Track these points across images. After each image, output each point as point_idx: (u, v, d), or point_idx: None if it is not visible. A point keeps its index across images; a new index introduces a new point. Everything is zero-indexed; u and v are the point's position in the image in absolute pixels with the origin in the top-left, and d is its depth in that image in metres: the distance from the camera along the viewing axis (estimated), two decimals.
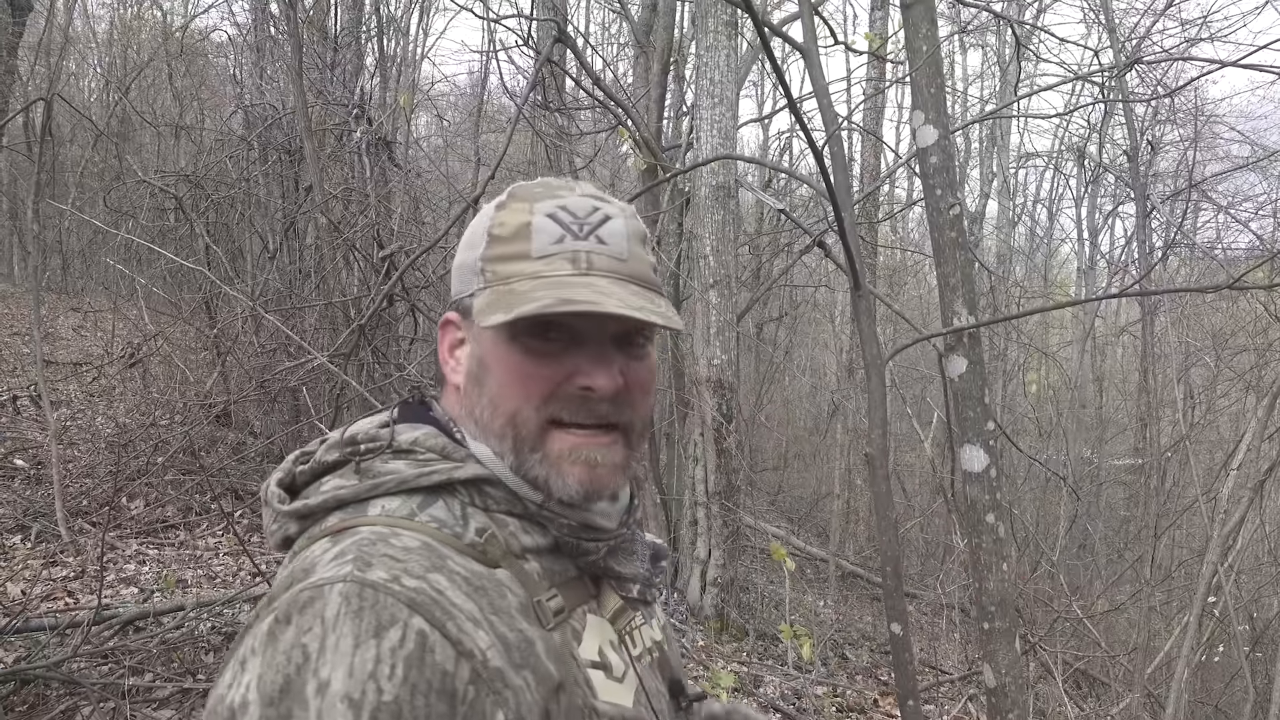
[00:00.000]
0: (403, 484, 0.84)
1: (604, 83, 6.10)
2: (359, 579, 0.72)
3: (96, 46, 16.92)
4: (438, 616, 0.72)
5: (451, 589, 0.75)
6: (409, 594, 0.72)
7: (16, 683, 3.52)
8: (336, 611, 0.70)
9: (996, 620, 1.76)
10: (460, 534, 0.82)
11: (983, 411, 1.75)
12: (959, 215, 1.73)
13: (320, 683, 0.67)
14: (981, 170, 14.81)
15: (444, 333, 0.92)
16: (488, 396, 0.86)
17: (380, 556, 0.75)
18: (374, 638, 0.69)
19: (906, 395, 11.18)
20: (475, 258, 0.88)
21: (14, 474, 6.17)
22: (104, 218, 8.53)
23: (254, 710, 0.67)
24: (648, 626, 0.96)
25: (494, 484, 0.86)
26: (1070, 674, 6.78)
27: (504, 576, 0.81)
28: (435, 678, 0.70)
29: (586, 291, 0.81)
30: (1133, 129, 8.36)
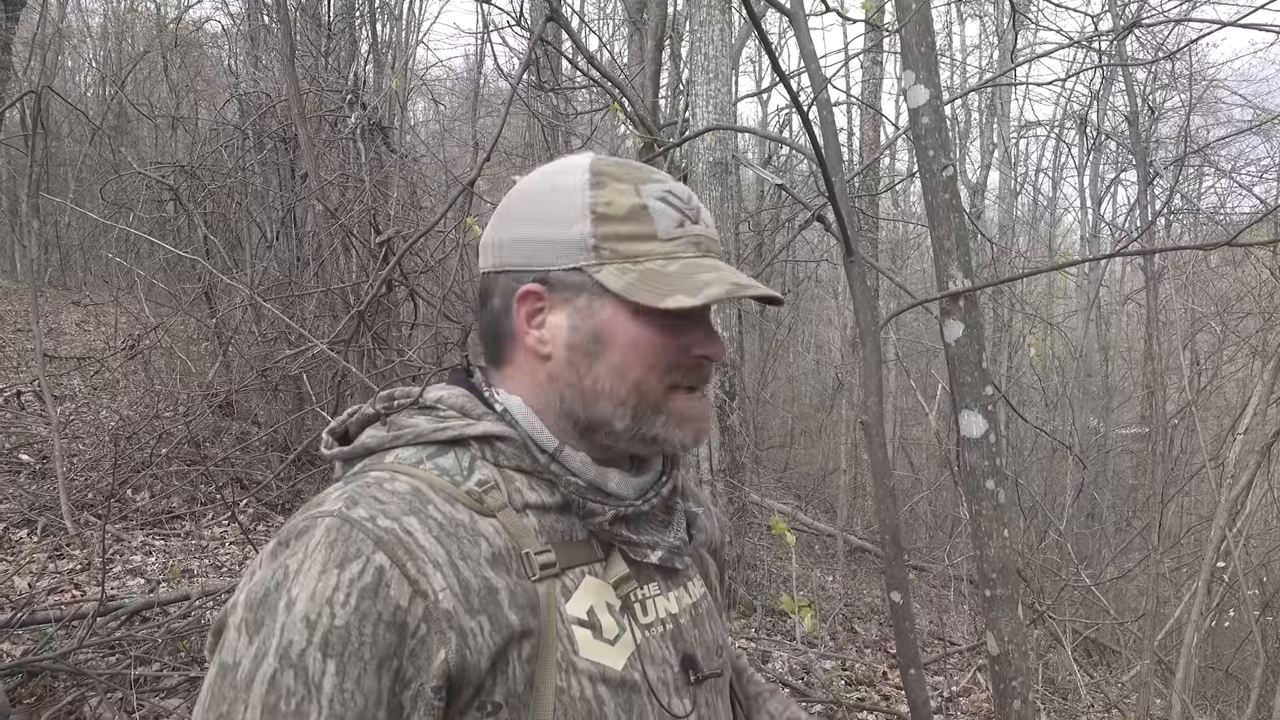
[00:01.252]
0: (419, 437, 0.92)
1: (598, 61, 6.05)
2: (343, 514, 0.81)
3: (91, 40, 16.86)
4: (399, 555, 0.80)
5: (422, 532, 0.82)
6: (378, 532, 0.80)
7: (24, 675, 3.53)
8: (317, 541, 0.80)
9: (999, 587, 1.75)
10: (459, 482, 0.88)
11: (980, 376, 1.73)
12: (952, 177, 1.70)
13: (289, 599, 0.77)
14: (982, 141, 14.71)
15: (521, 304, 0.94)
16: (607, 366, 0.91)
17: (367, 498, 0.83)
18: (337, 568, 0.78)
19: (911, 368, 11.16)
20: (581, 233, 0.91)
21: (19, 468, 6.18)
22: (102, 211, 8.50)
23: (239, 611, 0.79)
24: (664, 598, 0.97)
25: (504, 440, 0.92)
26: (1080, 643, 6.77)
27: (488, 526, 0.86)
28: (386, 610, 0.77)
29: (734, 275, 0.91)
30: (1133, 94, 8.28)
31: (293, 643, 0.76)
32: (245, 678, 0.76)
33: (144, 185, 8.28)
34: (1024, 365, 11.38)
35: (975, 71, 14.28)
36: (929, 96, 1.69)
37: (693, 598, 1.02)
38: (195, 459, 6.24)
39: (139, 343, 7.25)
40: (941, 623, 7.35)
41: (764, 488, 10.76)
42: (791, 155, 12.65)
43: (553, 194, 0.94)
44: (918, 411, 11.58)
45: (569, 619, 0.87)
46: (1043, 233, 15.81)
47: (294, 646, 0.76)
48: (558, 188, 0.94)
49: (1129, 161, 11.00)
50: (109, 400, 7.78)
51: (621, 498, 0.94)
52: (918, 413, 11.72)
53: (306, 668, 0.75)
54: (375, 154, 7.23)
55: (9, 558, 4.93)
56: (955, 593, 7.94)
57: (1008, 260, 12.72)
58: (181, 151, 9.40)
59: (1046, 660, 6.23)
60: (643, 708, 0.88)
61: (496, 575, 0.83)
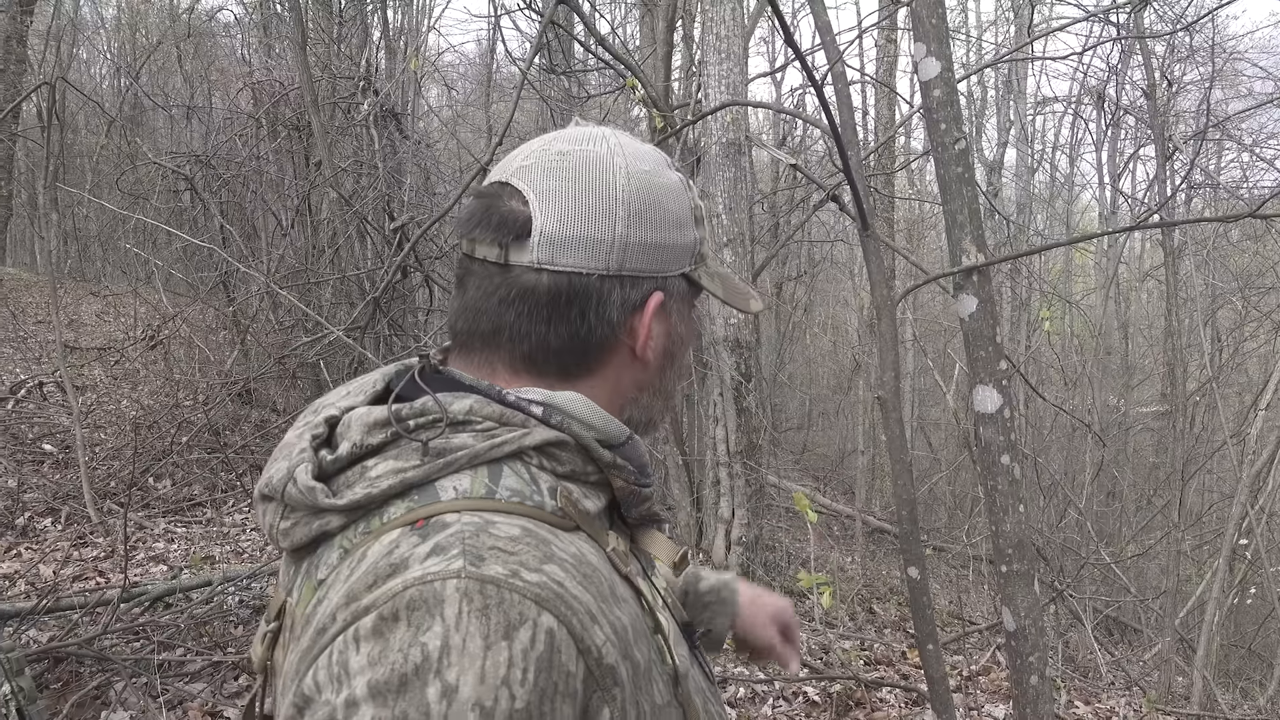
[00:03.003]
0: (475, 459, 0.77)
1: (609, 43, 6.02)
2: (476, 574, 0.66)
3: (105, 32, 16.94)
4: (564, 612, 0.67)
5: (569, 580, 0.70)
6: (534, 589, 0.67)
7: (50, 660, 3.57)
8: (458, 610, 0.64)
9: (1014, 563, 1.74)
10: (541, 504, 0.77)
11: (994, 351, 1.72)
12: (965, 150, 1.69)
13: (445, 686, 0.62)
14: (998, 118, 14.58)
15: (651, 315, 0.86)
16: (677, 367, 0.92)
17: (489, 550, 0.69)
18: (504, 639, 0.64)
19: (929, 349, 11.11)
20: (695, 238, 0.90)
21: (43, 458, 6.25)
22: (119, 202, 8.55)
23: (365, 710, 0.62)
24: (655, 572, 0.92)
25: (561, 445, 0.81)
26: (1100, 621, 6.76)
27: (590, 551, 0.76)
28: (562, 680, 0.66)
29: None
30: (1150, 68, 8.18)
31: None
32: None
33: (160, 175, 8.32)
34: (1043, 344, 11.31)
35: (991, 48, 14.14)
36: (940, 69, 1.68)
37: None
38: (215, 447, 6.29)
39: (159, 333, 7.30)
40: (961, 603, 7.35)
41: (782, 470, 10.75)
42: (806, 137, 12.58)
43: (670, 194, 0.87)
44: (936, 392, 11.54)
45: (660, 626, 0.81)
46: (1060, 210, 15.68)
47: None
48: (669, 188, 0.87)
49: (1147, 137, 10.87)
50: (129, 390, 7.84)
51: (650, 475, 0.89)
52: (936, 393, 11.68)
53: None
54: (388, 140, 7.24)
55: (34, 546, 4.99)
56: (974, 573, 7.93)
57: (1025, 239, 12.62)
58: (196, 141, 9.43)
59: (1067, 639, 6.22)
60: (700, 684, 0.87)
61: (623, 612, 0.74)
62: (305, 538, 0.78)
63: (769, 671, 4.45)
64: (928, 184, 15.45)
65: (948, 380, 10.02)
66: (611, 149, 0.86)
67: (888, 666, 5.11)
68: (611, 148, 0.86)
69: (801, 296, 13.36)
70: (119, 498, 5.56)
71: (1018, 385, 3.20)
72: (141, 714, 3.40)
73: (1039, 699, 1.73)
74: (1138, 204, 11.60)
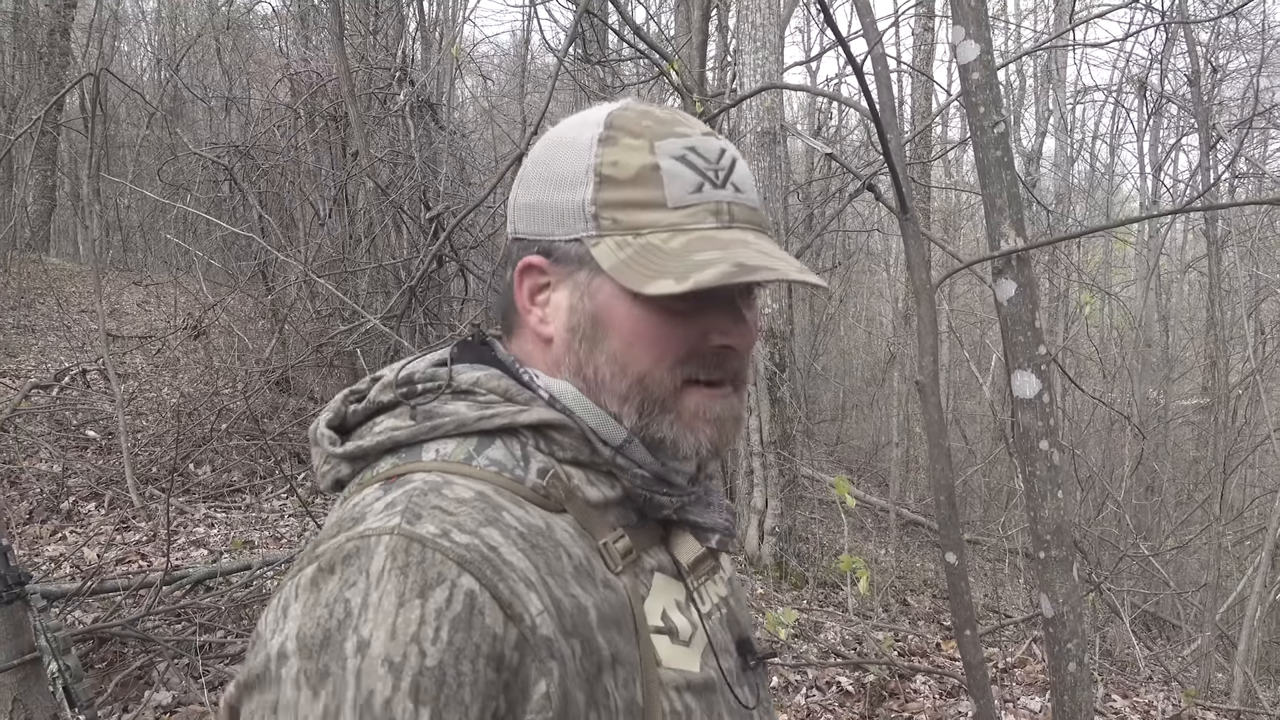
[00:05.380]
0: (461, 426, 0.78)
1: (645, 32, 6.02)
2: (406, 532, 0.68)
3: (146, 25, 17.16)
4: (489, 576, 0.67)
5: (506, 546, 0.70)
6: (459, 550, 0.67)
7: (95, 641, 3.65)
8: (382, 566, 0.66)
9: (1053, 549, 1.73)
10: (521, 477, 0.76)
11: (1033, 336, 1.70)
12: (1004, 134, 1.67)
13: (360, 641, 0.64)
14: (1037, 108, 14.39)
15: (522, 278, 0.83)
16: (606, 355, 0.80)
17: (430, 509, 0.70)
18: (419, 597, 0.65)
19: (965, 340, 11.02)
20: (582, 199, 0.79)
21: (87, 445, 6.37)
22: (160, 193, 8.67)
23: (293, 662, 0.65)
24: (713, 582, 0.89)
25: (562, 429, 0.80)
26: (1138, 615, 6.68)
27: (563, 532, 0.75)
28: (484, 642, 0.65)
29: (748, 252, 0.76)
30: (1195, 55, 8.03)
31: (374, 692, 0.63)
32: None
33: (200, 166, 8.43)
34: (1081, 336, 11.18)
35: (1030, 35, 13.97)
36: (979, 52, 1.66)
37: (728, 573, 0.94)
38: (254, 434, 6.38)
39: (200, 322, 7.41)
40: (997, 596, 7.29)
41: (816, 461, 10.72)
42: (841, 126, 12.50)
43: (563, 151, 0.82)
44: (971, 385, 11.45)
45: (648, 628, 0.77)
46: (1100, 200, 15.44)
47: (376, 697, 0.63)
48: (567, 144, 0.82)
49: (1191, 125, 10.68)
50: (170, 378, 7.96)
51: (680, 486, 0.84)
52: (971, 386, 11.58)
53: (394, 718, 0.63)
54: (424, 131, 7.28)
55: (79, 530, 5.09)
56: (1010, 566, 7.87)
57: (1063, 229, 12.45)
58: (235, 132, 9.55)
59: (1104, 633, 6.15)
60: (717, 704, 0.80)
61: (584, 592, 0.73)
62: (329, 482, 0.82)
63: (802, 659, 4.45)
64: (964, 174, 15.29)
65: (984, 373, 9.93)
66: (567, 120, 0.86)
67: (922, 658, 5.09)
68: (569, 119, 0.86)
69: (836, 288, 13.29)
70: (160, 483, 5.65)
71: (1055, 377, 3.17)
72: (183, 694, 3.46)
73: (1077, 686, 1.72)
74: (1180, 194, 11.41)
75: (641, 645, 0.75)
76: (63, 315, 9.77)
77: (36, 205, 13.15)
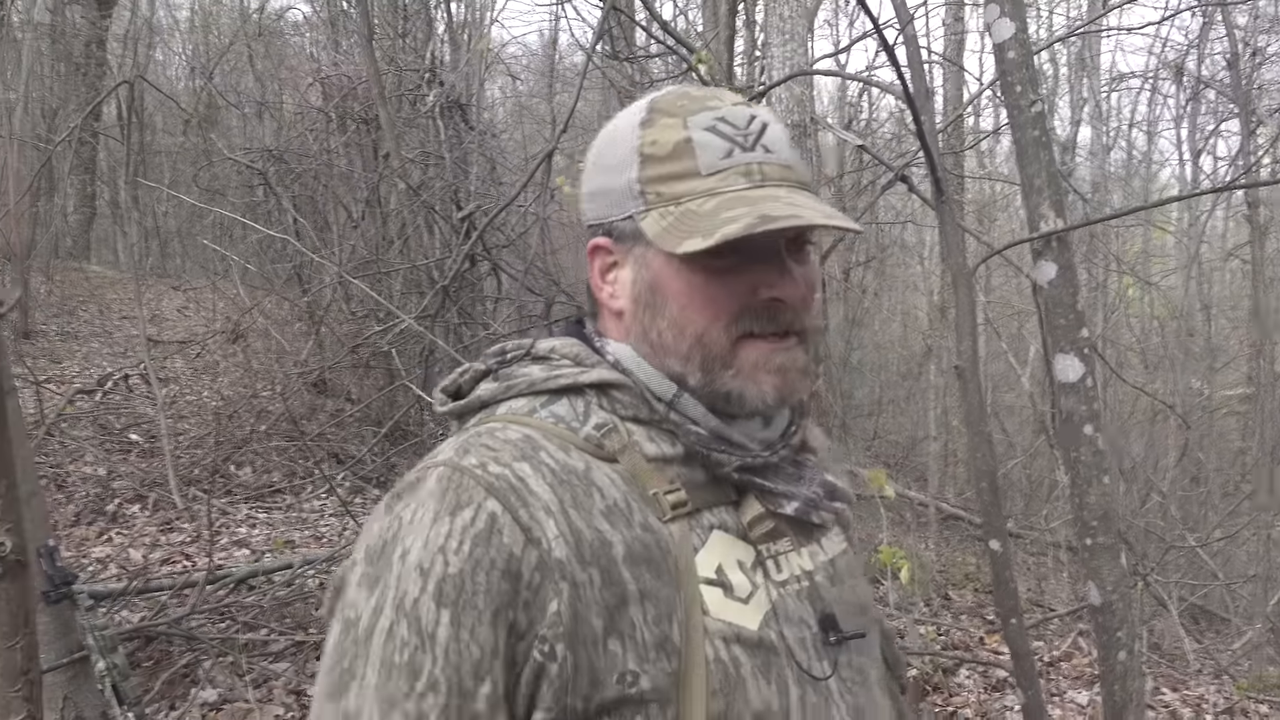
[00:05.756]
0: (532, 386, 0.88)
1: (672, 27, 6.00)
2: (453, 463, 0.80)
3: (179, 34, 17.38)
4: (511, 501, 0.77)
5: (534, 478, 0.79)
6: (489, 478, 0.78)
7: (142, 639, 3.70)
8: (429, 490, 0.79)
9: (1099, 535, 1.70)
10: (576, 429, 0.85)
11: (1076, 318, 1.67)
12: (1041, 113, 1.64)
13: (403, 550, 0.76)
14: (1071, 96, 14.19)
15: (593, 258, 0.92)
16: (667, 320, 0.87)
17: (478, 446, 0.82)
18: (449, 515, 0.77)
19: (1002, 332, 10.89)
20: (629, 179, 0.87)
21: (130, 448, 6.46)
22: (196, 198, 8.78)
23: (359, 568, 0.79)
24: (797, 554, 0.91)
25: (621, 388, 0.88)
26: (1185, 608, 6.57)
27: (603, 477, 0.82)
28: (500, 557, 0.75)
29: (776, 205, 0.82)
30: (1234, 38, 7.88)
31: (407, 593, 0.75)
32: (365, 631, 0.75)
33: (235, 171, 8.52)
34: (1122, 326, 11.02)
35: (1064, 23, 13.78)
36: (1015, 29, 1.63)
37: (829, 554, 0.95)
38: (293, 435, 6.44)
39: (238, 326, 7.49)
40: (1040, 589, 7.20)
41: (853, 456, 10.64)
42: (872, 119, 12.40)
43: (612, 139, 0.91)
44: (1009, 377, 11.30)
45: (699, 578, 0.81)
46: (1138, 189, 15.21)
47: (408, 597, 0.74)
48: (617, 132, 0.91)
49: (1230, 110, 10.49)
50: (210, 381, 8.07)
51: (746, 447, 0.88)
52: (1009, 378, 11.43)
53: (420, 618, 0.74)
54: (454, 131, 7.32)
55: (124, 531, 5.17)
56: (1054, 559, 7.77)
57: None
58: (269, 137, 9.64)
59: (1151, 626, 6.06)
60: (781, 670, 0.83)
61: (611, 529, 0.79)
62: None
63: None
64: (997, 165, 15.11)
65: (1021, 365, 9.80)
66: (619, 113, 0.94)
67: (965, 651, 5.04)
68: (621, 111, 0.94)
69: (870, 281, 13.18)
70: (202, 485, 5.72)
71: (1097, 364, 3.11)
72: (228, 691, 3.50)
73: (1127, 675, 1.69)
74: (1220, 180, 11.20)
75: (685, 591, 0.80)
76: (104, 322, 9.93)
77: (77, 214, 13.35)
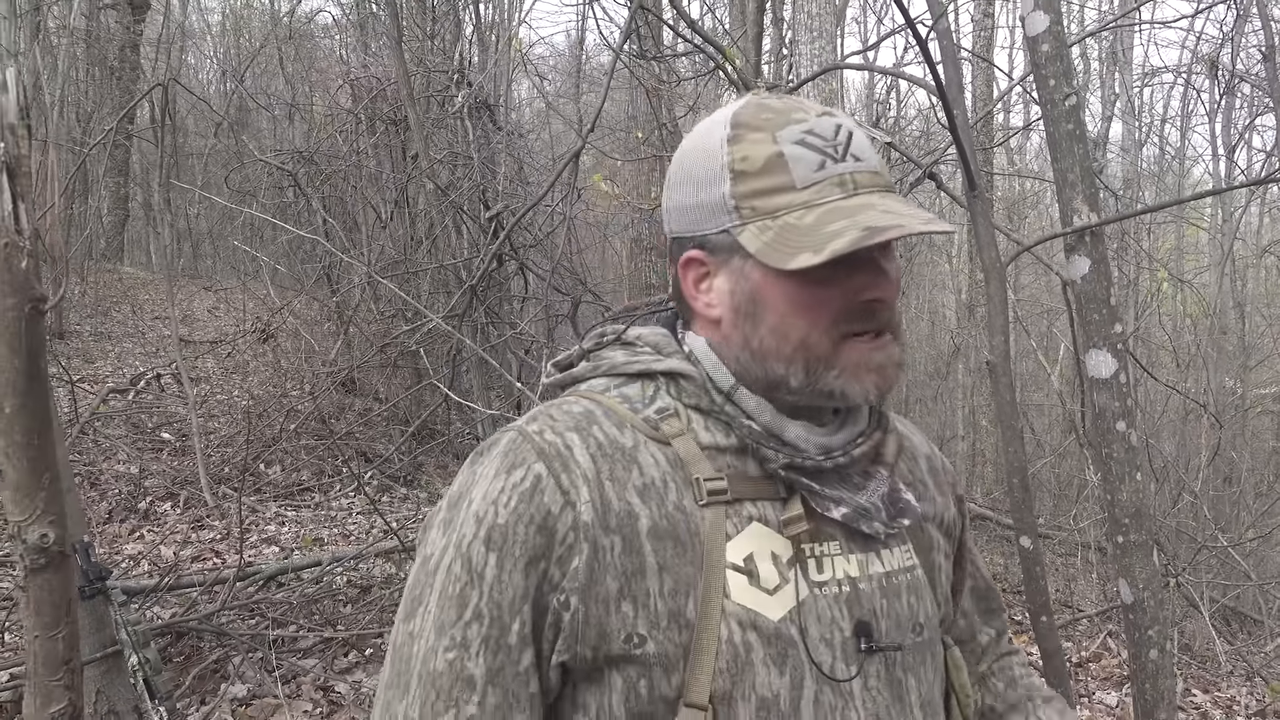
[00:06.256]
0: (613, 368, 0.98)
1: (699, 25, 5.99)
2: (521, 429, 0.91)
3: (211, 38, 17.56)
4: (555, 466, 0.87)
5: (580, 448, 0.88)
6: (542, 444, 0.88)
7: (173, 635, 3.74)
8: (499, 450, 0.90)
9: (1131, 533, 1.68)
10: (638, 409, 0.93)
11: (1109, 314, 1.66)
12: (1075, 106, 1.63)
13: (470, 499, 0.88)
14: (1104, 91, 14.05)
15: (686, 270, 0.95)
16: (768, 327, 0.90)
17: (544, 415, 0.92)
18: (506, 473, 0.87)
19: (1031, 330, 10.80)
20: (721, 194, 0.90)
21: (161, 446, 6.54)
22: (228, 200, 8.87)
23: (441, 512, 0.91)
24: (844, 558, 0.92)
25: (687, 378, 0.94)
26: (1217, 609, 6.48)
27: (649, 456, 0.89)
28: (539, 514, 0.85)
29: (875, 214, 0.85)
30: (1270, 31, 7.76)
31: (465, 536, 0.86)
32: (434, 565, 0.87)
33: (265, 173, 8.59)
34: (1153, 324, 10.89)
35: (1095, 18, 13.65)
36: (1049, 22, 1.62)
37: (886, 567, 0.96)
38: (322, 434, 6.49)
39: (269, 326, 7.56)
40: (1069, 590, 7.13)
41: None
42: (900, 116, 12.33)
43: (698, 155, 0.94)
44: (1039, 376, 11.21)
45: (726, 562, 0.86)
46: (1170, 185, 15.03)
47: (465, 539, 0.86)
48: (700, 148, 0.94)
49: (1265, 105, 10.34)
50: (240, 380, 8.15)
51: (799, 449, 0.91)
52: (1039, 377, 11.34)
53: (471, 558, 0.85)
54: (482, 132, 7.34)
55: (155, 528, 5.23)
56: (1082, 561, 7.69)
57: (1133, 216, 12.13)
58: (299, 139, 9.72)
59: (1182, 627, 5.98)
60: (799, 663, 0.86)
61: (642, 503, 0.86)
62: None
63: None
64: (1027, 162, 14.99)
65: (1051, 362, 9.70)
66: (697, 127, 0.98)
67: None
68: (698, 126, 0.98)
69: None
70: (233, 483, 5.78)
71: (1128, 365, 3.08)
72: (258, 687, 3.53)
73: (1159, 674, 1.67)
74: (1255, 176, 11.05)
75: (708, 571, 0.85)
76: (137, 322, 10.05)
77: (110, 216, 13.53)
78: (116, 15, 13.51)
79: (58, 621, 1.73)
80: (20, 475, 1.62)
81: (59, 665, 1.72)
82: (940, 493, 1.09)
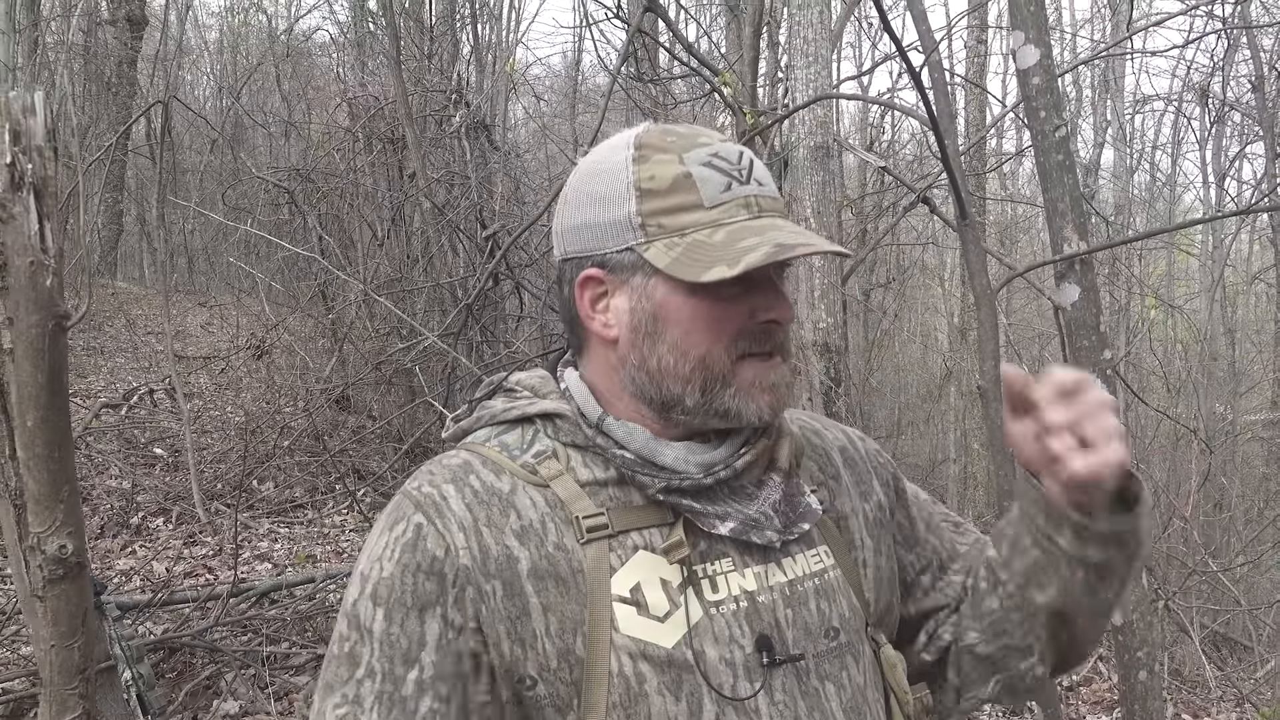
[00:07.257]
0: (493, 418, 0.98)
1: (696, 49, 6.05)
2: (403, 490, 0.92)
3: (208, 55, 17.62)
4: (431, 514, 0.88)
5: (455, 498, 0.90)
6: (417, 496, 0.90)
7: (166, 651, 3.74)
8: (383, 514, 0.92)
9: None
10: (516, 456, 0.93)
11: (1098, 340, 1.69)
12: (1065, 138, 1.66)
13: (358, 563, 0.90)
14: (1095, 118, 14.16)
15: (583, 290, 0.94)
16: (668, 345, 0.90)
17: (424, 472, 0.93)
18: (388, 529, 0.90)
19: (1023, 355, 10.85)
20: (626, 213, 0.90)
21: (154, 462, 6.52)
22: (223, 216, 8.89)
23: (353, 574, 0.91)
24: (739, 574, 0.91)
25: (561, 416, 0.95)
26: (1207, 635, 6.50)
27: (526, 500, 0.90)
28: (424, 560, 0.86)
29: (785, 234, 0.87)
30: (1259, 61, 7.86)
31: (351, 597, 0.89)
32: (335, 634, 0.89)
33: (261, 190, 8.62)
34: (1144, 350, 10.94)
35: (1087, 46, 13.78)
36: (1039, 56, 1.66)
37: (789, 575, 0.94)
38: (315, 451, 6.49)
39: (263, 342, 7.56)
40: None
41: None
42: (894, 140, 12.42)
43: (601, 175, 0.93)
44: None
45: (611, 596, 0.86)
46: (1161, 211, 15.13)
47: (351, 599, 0.88)
48: (605, 168, 0.93)
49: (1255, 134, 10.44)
50: (234, 397, 8.13)
51: (676, 471, 0.91)
52: None
53: (359, 616, 0.87)
54: (479, 151, 7.39)
55: (148, 544, 5.22)
56: None
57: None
58: (295, 156, 9.76)
59: (1172, 652, 6.00)
60: (696, 688, 0.86)
61: (520, 546, 0.87)
62: None
63: None
64: (1019, 187, 15.06)
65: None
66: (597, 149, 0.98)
67: None
68: (598, 147, 0.98)
69: (890, 303, 13.17)
70: (226, 499, 5.77)
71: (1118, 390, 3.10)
72: (250, 703, 3.53)
73: (1148, 696, 1.69)
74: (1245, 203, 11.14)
75: (594, 607, 0.86)
76: (131, 337, 10.03)
77: (105, 231, 13.52)
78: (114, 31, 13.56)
79: (74, 631, 1.75)
80: (41, 487, 1.64)
81: (75, 674, 1.74)
82: (860, 484, 1.06)
